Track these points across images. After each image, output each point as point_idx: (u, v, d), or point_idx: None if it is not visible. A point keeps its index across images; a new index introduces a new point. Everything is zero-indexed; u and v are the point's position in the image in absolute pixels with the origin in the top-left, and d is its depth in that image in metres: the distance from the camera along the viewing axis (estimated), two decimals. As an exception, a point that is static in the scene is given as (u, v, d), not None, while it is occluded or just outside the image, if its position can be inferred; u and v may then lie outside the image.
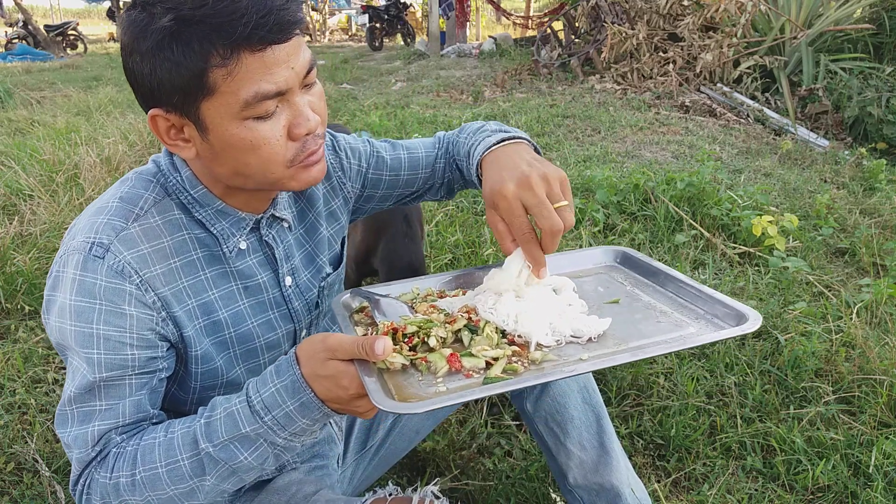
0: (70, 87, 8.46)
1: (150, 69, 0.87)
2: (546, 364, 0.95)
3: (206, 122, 0.90)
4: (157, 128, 0.94)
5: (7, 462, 1.76)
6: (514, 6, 20.88)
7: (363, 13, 15.35)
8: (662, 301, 1.14)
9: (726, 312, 1.05)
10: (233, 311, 1.09)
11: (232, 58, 0.85)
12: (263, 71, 0.87)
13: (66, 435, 0.97)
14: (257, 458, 0.93)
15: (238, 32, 0.84)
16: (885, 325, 2.40)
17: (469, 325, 1.02)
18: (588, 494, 1.38)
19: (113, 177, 3.77)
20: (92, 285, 0.94)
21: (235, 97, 0.87)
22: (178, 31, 0.84)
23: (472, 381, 0.91)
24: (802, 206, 3.80)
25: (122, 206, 1.00)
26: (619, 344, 1.00)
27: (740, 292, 2.68)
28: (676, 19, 7.35)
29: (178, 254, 1.02)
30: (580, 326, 1.02)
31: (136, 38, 0.87)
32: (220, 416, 0.93)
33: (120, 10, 22.41)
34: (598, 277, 1.26)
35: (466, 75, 8.77)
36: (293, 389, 0.90)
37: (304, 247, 1.22)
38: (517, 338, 1.00)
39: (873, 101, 5.48)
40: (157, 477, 0.93)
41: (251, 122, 0.90)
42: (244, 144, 0.91)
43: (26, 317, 2.51)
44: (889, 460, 1.74)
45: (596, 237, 3.18)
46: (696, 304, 1.11)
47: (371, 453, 1.45)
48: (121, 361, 0.96)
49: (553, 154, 4.84)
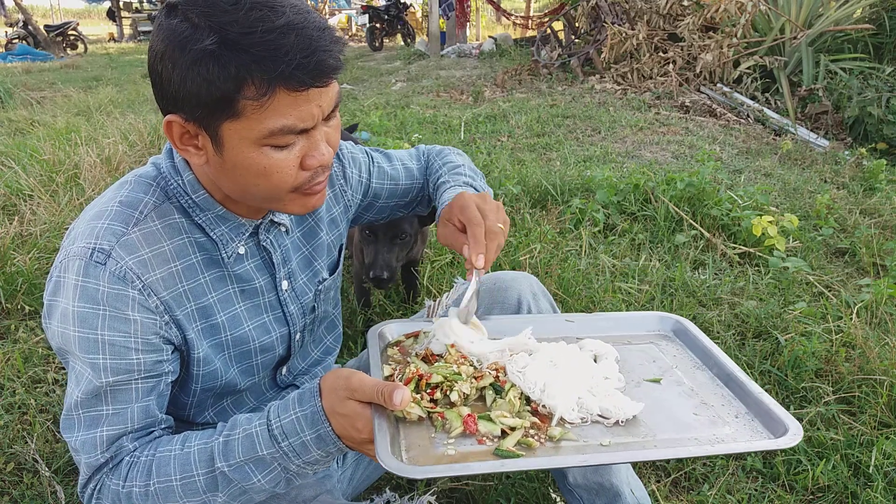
0: (70, 87, 8.47)
1: (181, 79, 0.86)
2: (564, 442, 0.92)
3: (224, 140, 0.90)
4: (170, 132, 0.93)
5: (7, 462, 1.75)
6: (514, 6, 20.89)
7: (363, 13, 15.35)
8: (706, 389, 1.07)
9: (769, 418, 0.98)
10: (230, 314, 1.10)
11: (267, 92, 0.85)
12: (294, 108, 0.87)
13: (74, 440, 0.98)
14: (270, 482, 0.95)
15: (279, 71, 0.83)
16: (885, 325, 2.40)
17: (495, 385, 0.99)
18: (588, 494, 1.38)
19: (113, 177, 3.77)
20: (95, 291, 0.94)
21: (260, 126, 0.87)
22: (219, 54, 0.83)
23: (483, 448, 0.90)
24: (802, 206, 3.80)
25: (122, 211, 1.00)
26: (647, 434, 0.95)
27: (740, 292, 2.68)
28: (676, 19, 7.35)
29: (179, 258, 1.02)
30: (610, 407, 0.97)
31: (174, 47, 0.86)
32: (239, 436, 0.94)
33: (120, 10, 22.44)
34: (645, 348, 1.20)
35: (466, 75, 8.77)
36: (312, 420, 0.91)
37: (302, 250, 1.22)
38: (541, 407, 0.97)
39: (873, 101, 5.48)
40: (171, 490, 0.95)
41: (268, 150, 0.90)
42: (257, 169, 0.91)
43: (26, 317, 2.51)
44: (889, 460, 1.74)
45: (596, 237, 3.18)
46: (741, 399, 1.04)
47: (372, 453, 1.46)
48: (126, 366, 0.96)
49: (553, 154, 4.84)
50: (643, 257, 2.96)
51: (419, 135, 5.26)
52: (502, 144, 5.16)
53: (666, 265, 2.95)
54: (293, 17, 0.85)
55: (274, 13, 0.84)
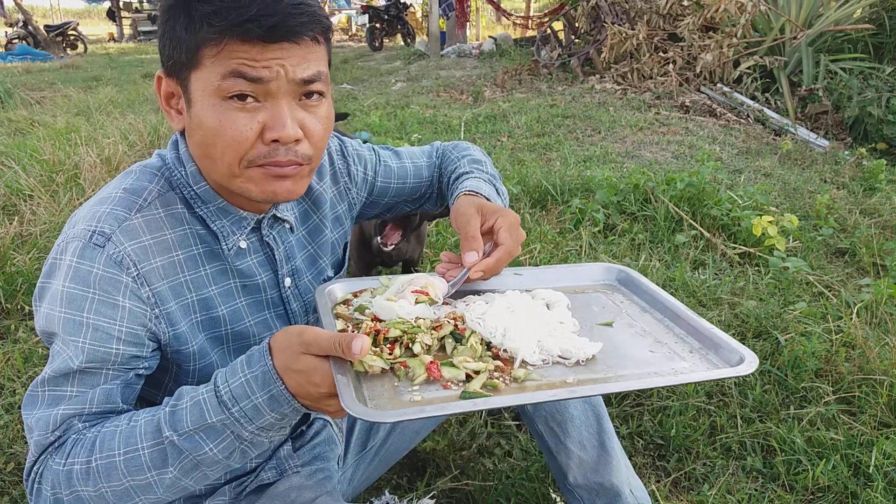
0: (70, 87, 8.47)
1: (161, 34, 0.96)
2: (528, 383, 0.92)
3: (192, 94, 0.94)
4: (159, 89, 0.99)
5: (7, 462, 1.75)
6: (514, 6, 20.88)
7: (363, 13, 15.34)
8: (658, 330, 1.10)
9: (722, 350, 1.01)
10: (231, 308, 1.09)
11: (223, 40, 0.89)
12: (247, 58, 0.90)
13: (31, 417, 0.95)
14: (223, 451, 0.89)
15: (231, 18, 0.88)
16: (885, 325, 2.40)
17: (455, 334, 0.99)
18: (588, 494, 1.38)
19: (113, 177, 3.76)
20: (87, 273, 0.93)
21: (214, 72, 0.90)
22: (188, 4, 0.91)
23: (449, 392, 0.88)
24: (802, 206, 3.80)
25: (125, 197, 1.00)
26: (608, 371, 0.97)
27: (740, 292, 2.68)
28: (676, 19, 7.35)
29: (181, 247, 1.02)
30: (569, 347, 0.99)
31: (161, 6, 0.96)
32: (187, 405, 0.89)
33: (120, 10, 22.44)
34: (594, 296, 1.22)
35: (466, 75, 8.77)
36: (263, 381, 0.87)
37: (307, 248, 1.21)
38: (502, 352, 0.97)
39: (873, 101, 5.48)
40: (114, 466, 0.89)
41: (226, 105, 0.91)
42: (213, 124, 0.92)
43: (26, 317, 2.51)
44: (889, 460, 1.74)
45: (596, 237, 3.18)
46: (694, 337, 1.06)
47: (371, 454, 1.45)
48: (104, 354, 0.94)
49: (553, 154, 4.84)
50: (643, 257, 2.96)
51: (419, 135, 5.26)
52: (502, 144, 5.16)
53: (666, 265, 2.95)
54: None
55: None
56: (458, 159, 1.35)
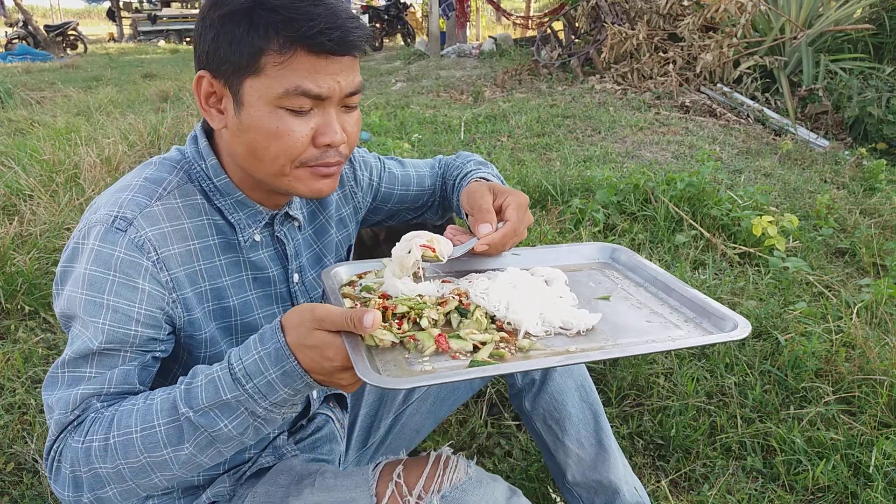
0: (70, 87, 8.47)
1: (214, 35, 0.95)
2: (533, 353, 0.96)
3: (245, 98, 0.96)
4: (199, 89, 1.00)
5: (7, 462, 1.76)
6: (514, 6, 20.88)
7: (363, 13, 15.35)
8: (653, 302, 1.14)
9: (716, 318, 1.05)
10: (242, 299, 1.12)
11: (290, 50, 0.92)
12: (312, 72, 0.94)
13: (51, 397, 0.97)
14: (237, 427, 0.91)
15: (303, 32, 0.91)
16: (885, 325, 2.40)
17: (459, 308, 1.03)
18: (586, 492, 1.38)
19: (113, 177, 3.77)
20: (109, 256, 0.96)
21: (278, 84, 0.94)
22: (251, 11, 0.92)
23: (458, 362, 0.92)
24: (802, 206, 3.80)
25: (146, 185, 1.04)
26: (608, 339, 1.01)
27: (740, 292, 2.68)
28: (676, 19, 7.35)
29: (197, 237, 1.05)
30: (570, 319, 1.03)
31: (213, 5, 0.96)
32: (202, 382, 0.91)
33: (120, 10, 22.44)
34: (590, 273, 1.27)
35: (466, 75, 8.77)
36: (276, 357, 0.89)
37: (313, 247, 1.25)
38: (506, 325, 1.02)
39: (873, 101, 5.48)
40: (131, 442, 0.91)
41: (283, 112, 0.96)
42: (270, 129, 0.96)
43: (26, 317, 2.51)
44: (889, 460, 1.74)
45: (596, 237, 3.17)
46: (687, 307, 1.11)
47: (371, 451, 1.46)
48: (123, 336, 0.96)
49: (553, 154, 4.84)
50: (643, 257, 2.96)
51: (419, 135, 5.26)
52: (502, 144, 5.16)
53: (666, 265, 2.95)
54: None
55: None
56: (464, 164, 1.40)
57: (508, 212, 1.15)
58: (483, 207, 1.15)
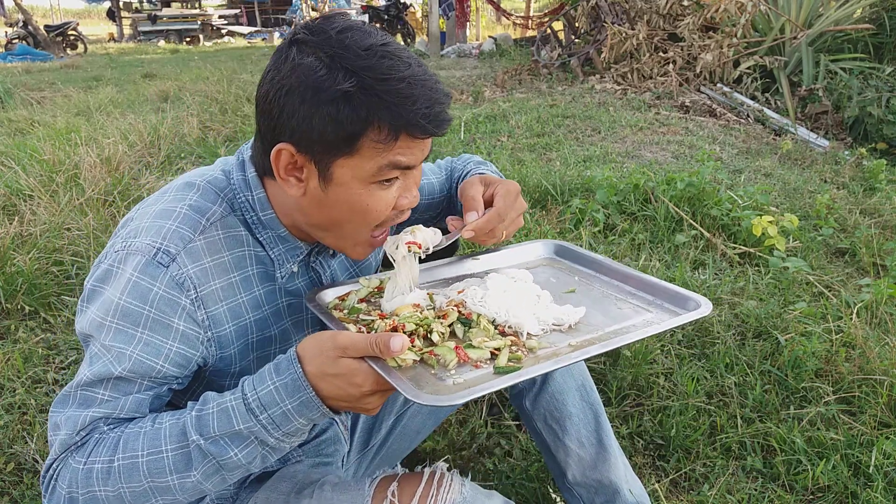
0: (70, 87, 8.47)
1: (308, 115, 0.91)
2: (541, 352, 0.99)
3: (335, 176, 0.95)
4: (278, 160, 0.96)
5: (7, 462, 1.76)
6: (514, 6, 20.88)
7: (363, 13, 15.36)
8: (613, 290, 1.20)
9: (674, 298, 1.11)
10: (281, 328, 1.13)
11: (394, 137, 0.92)
12: (409, 151, 0.95)
13: (60, 415, 0.95)
14: (246, 457, 0.92)
15: (407, 119, 0.90)
16: (885, 325, 2.40)
17: (461, 319, 1.04)
18: (587, 491, 1.38)
19: (113, 177, 3.77)
20: (147, 291, 0.95)
21: (374, 163, 0.94)
22: (354, 96, 0.90)
23: (482, 371, 0.94)
24: (802, 206, 3.80)
25: (191, 216, 1.01)
26: (597, 330, 1.05)
27: (740, 292, 2.68)
28: (676, 19, 7.35)
29: (237, 269, 1.05)
30: (560, 315, 1.07)
31: (307, 85, 0.91)
32: (213, 410, 0.91)
33: (120, 10, 22.44)
34: (544, 269, 1.31)
35: (466, 75, 8.77)
36: (294, 388, 0.89)
37: (349, 270, 1.26)
38: (507, 328, 1.05)
39: (873, 101, 5.48)
40: (136, 466, 0.90)
41: (375, 188, 0.96)
42: (360, 206, 0.97)
43: (26, 317, 2.51)
44: (889, 460, 1.74)
45: (596, 237, 3.18)
46: (644, 291, 1.16)
47: (373, 453, 1.46)
48: (147, 368, 0.95)
49: (553, 154, 4.84)
50: (643, 257, 2.96)
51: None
52: (502, 144, 5.16)
53: (666, 265, 2.95)
54: (417, 70, 0.93)
55: (402, 63, 0.91)
56: (465, 166, 1.43)
57: (496, 198, 1.16)
58: (470, 196, 1.16)
